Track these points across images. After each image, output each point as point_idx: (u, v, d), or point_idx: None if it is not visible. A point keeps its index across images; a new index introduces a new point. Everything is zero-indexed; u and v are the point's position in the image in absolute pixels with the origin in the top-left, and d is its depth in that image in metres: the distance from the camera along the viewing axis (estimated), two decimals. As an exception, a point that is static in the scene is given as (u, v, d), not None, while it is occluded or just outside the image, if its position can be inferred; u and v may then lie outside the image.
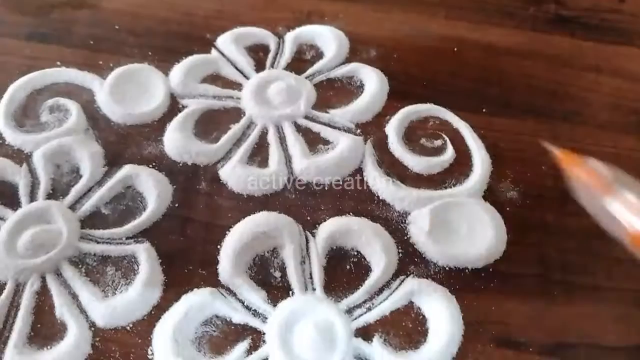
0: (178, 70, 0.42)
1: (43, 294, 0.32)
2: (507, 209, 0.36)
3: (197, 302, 0.32)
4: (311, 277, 0.33)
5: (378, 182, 0.37)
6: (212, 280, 0.33)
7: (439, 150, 0.39)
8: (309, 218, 0.36)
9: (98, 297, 0.32)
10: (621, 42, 0.48)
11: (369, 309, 0.32)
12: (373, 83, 0.42)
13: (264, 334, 0.31)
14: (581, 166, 0.27)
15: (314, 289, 0.32)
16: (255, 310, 0.32)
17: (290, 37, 0.46)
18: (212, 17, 0.47)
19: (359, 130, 0.40)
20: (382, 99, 0.42)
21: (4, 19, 0.47)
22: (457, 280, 0.33)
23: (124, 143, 0.39)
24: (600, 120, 0.42)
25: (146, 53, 0.44)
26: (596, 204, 0.25)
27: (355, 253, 0.34)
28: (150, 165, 0.37)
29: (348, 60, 0.44)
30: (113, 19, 0.47)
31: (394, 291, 0.32)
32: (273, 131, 0.40)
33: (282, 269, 0.33)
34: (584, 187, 0.26)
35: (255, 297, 0.32)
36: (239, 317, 0.31)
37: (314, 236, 0.35)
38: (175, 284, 0.33)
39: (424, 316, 0.32)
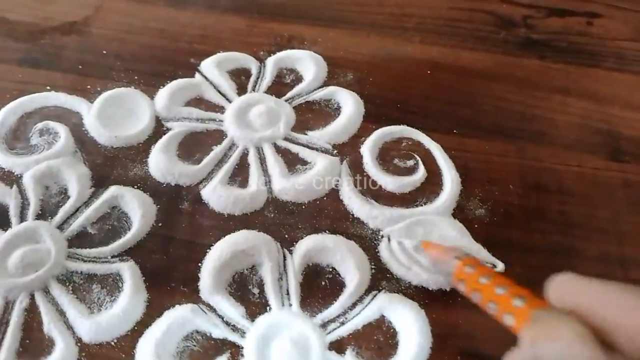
0: (163, 94, 0.44)
1: (32, 311, 0.34)
2: (475, 226, 0.38)
3: (178, 318, 0.33)
4: (288, 293, 0.35)
5: (353, 201, 0.39)
6: (193, 296, 0.34)
7: (411, 170, 0.41)
8: (287, 236, 0.37)
9: (84, 313, 0.33)
10: (589, 64, 0.50)
11: (343, 323, 0.34)
12: (349, 106, 0.44)
13: (242, 348, 0.32)
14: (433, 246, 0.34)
15: (290, 305, 0.34)
16: (234, 326, 0.33)
17: (271, 61, 0.48)
18: (196, 43, 0.49)
19: (335, 151, 0.42)
20: (357, 121, 0.43)
21: (-4, 44, 0.49)
22: (427, 295, 0.35)
23: (111, 165, 0.41)
24: (567, 140, 0.44)
25: (133, 77, 0.46)
26: (441, 267, 0.32)
27: (331, 269, 0.36)
28: (135, 186, 0.39)
29: (326, 83, 0.46)
30: (101, 44, 0.49)
31: (366, 306, 0.34)
32: (253, 152, 0.41)
33: (261, 286, 0.35)
34: (433, 257, 0.33)
35: (235, 312, 0.34)
36: (219, 332, 0.33)
37: (291, 253, 0.36)
38: (158, 301, 0.34)
39: (394, 329, 0.34)
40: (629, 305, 0.20)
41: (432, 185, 0.40)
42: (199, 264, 0.36)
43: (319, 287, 0.35)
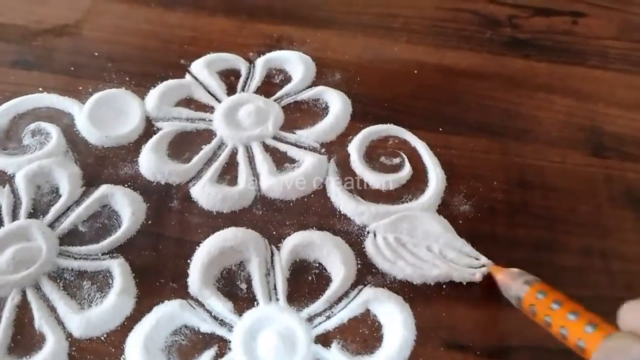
0: (153, 95, 0.45)
1: (23, 308, 0.34)
2: (460, 221, 0.39)
3: (167, 313, 0.34)
4: (275, 288, 0.35)
5: (340, 197, 0.39)
6: (182, 292, 0.35)
7: (397, 168, 0.42)
8: (274, 233, 0.38)
9: (75, 309, 0.34)
10: (573, 62, 0.51)
11: (329, 317, 0.34)
12: (337, 105, 0.45)
13: (229, 342, 0.33)
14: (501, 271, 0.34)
15: (277, 300, 0.35)
16: (222, 320, 0.34)
17: (260, 62, 0.48)
18: (186, 44, 0.50)
19: (323, 150, 0.43)
20: (345, 120, 0.44)
21: (-11, 47, 0.49)
22: (411, 289, 0.35)
23: (101, 164, 0.41)
24: (550, 137, 0.44)
25: (124, 78, 0.47)
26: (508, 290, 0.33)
27: (317, 265, 0.37)
28: (126, 185, 0.40)
29: (314, 83, 0.47)
30: (93, 46, 0.49)
31: (352, 300, 0.35)
32: (242, 151, 0.42)
33: (248, 281, 0.36)
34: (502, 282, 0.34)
35: (222, 307, 0.34)
36: (207, 326, 0.34)
37: (278, 250, 0.37)
38: (148, 296, 0.35)
39: (379, 323, 0.34)
40: None
41: (417, 182, 0.41)
42: (188, 261, 0.36)
43: (305, 282, 0.36)
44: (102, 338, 0.33)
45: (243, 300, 0.35)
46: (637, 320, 0.24)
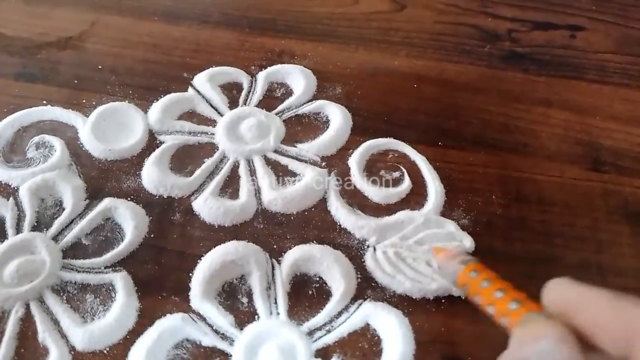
0: (156, 108, 0.45)
1: (27, 321, 0.34)
2: (459, 236, 0.39)
3: (169, 326, 0.34)
4: (276, 302, 0.36)
5: (340, 211, 0.40)
6: (183, 306, 0.35)
7: (396, 181, 0.42)
8: (275, 246, 0.38)
9: (78, 322, 0.34)
10: (571, 76, 0.51)
11: (329, 331, 0.35)
12: (338, 119, 0.45)
13: (230, 356, 0.33)
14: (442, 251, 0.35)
15: (278, 313, 0.35)
16: (223, 334, 0.34)
17: (262, 75, 0.49)
18: (189, 57, 0.50)
19: (324, 163, 0.43)
20: (345, 134, 0.45)
21: (-6, 59, 0.50)
22: (410, 304, 0.36)
23: (105, 177, 0.42)
24: (548, 151, 0.45)
25: (127, 91, 0.47)
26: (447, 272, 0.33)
27: (318, 279, 0.37)
28: (129, 198, 0.40)
29: (315, 97, 0.48)
30: (96, 59, 0.50)
31: (352, 314, 0.35)
32: (244, 164, 0.43)
33: (249, 295, 0.36)
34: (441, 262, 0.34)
35: (224, 321, 0.35)
36: (208, 340, 0.34)
37: (279, 263, 0.37)
38: (150, 310, 0.35)
39: (378, 337, 0.35)
40: (613, 308, 0.22)
41: (417, 196, 0.41)
42: (190, 274, 0.37)
43: (306, 296, 0.36)
44: (105, 351, 0.33)
45: (244, 314, 0.35)
46: (559, 300, 0.24)
